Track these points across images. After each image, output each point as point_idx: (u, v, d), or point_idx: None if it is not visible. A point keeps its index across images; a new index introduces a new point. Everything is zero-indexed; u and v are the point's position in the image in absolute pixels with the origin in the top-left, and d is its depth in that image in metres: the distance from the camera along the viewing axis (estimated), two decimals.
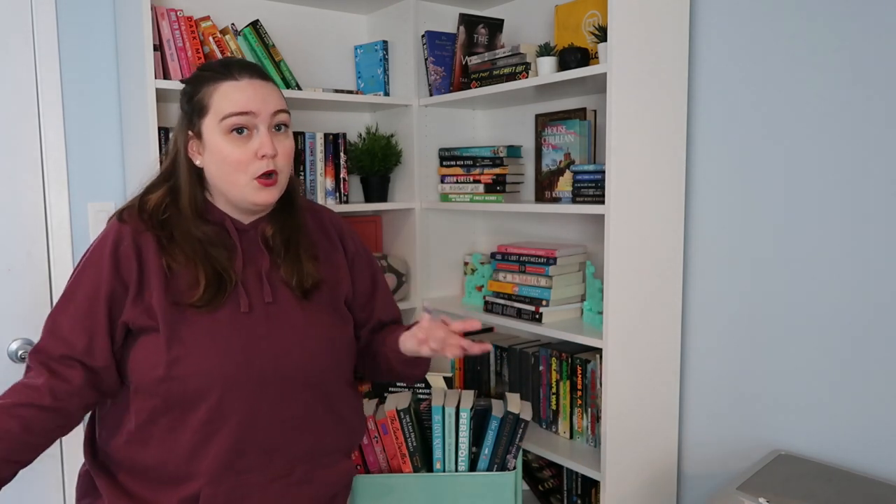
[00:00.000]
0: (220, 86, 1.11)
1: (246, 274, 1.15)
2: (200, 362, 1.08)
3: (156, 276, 1.10)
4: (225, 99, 1.10)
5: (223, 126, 1.10)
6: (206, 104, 1.12)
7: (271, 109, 1.13)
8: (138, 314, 1.09)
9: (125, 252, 1.11)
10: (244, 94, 1.11)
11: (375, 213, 2.36)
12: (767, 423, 1.65)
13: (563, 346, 1.90)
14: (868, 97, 1.44)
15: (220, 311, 1.11)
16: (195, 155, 1.15)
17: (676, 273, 1.75)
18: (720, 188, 1.70)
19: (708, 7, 1.69)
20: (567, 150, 1.87)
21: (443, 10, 2.21)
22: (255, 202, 1.13)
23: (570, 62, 1.70)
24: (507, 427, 1.54)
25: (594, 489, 1.88)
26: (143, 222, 1.13)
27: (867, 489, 1.38)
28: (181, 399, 1.09)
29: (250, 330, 1.11)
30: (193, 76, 1.17)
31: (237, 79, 1.11)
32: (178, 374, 1.07)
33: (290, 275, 1.17)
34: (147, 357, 1.08)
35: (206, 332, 1.09)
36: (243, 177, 1.11)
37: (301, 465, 1.17)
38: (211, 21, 1.86)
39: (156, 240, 1.12)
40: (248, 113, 1.10)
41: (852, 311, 1.50)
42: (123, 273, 1.10)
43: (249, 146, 1.11)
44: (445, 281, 2.29)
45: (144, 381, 1.09)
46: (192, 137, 1.15)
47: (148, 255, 1.11)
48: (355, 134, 2.31)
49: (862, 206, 1.47)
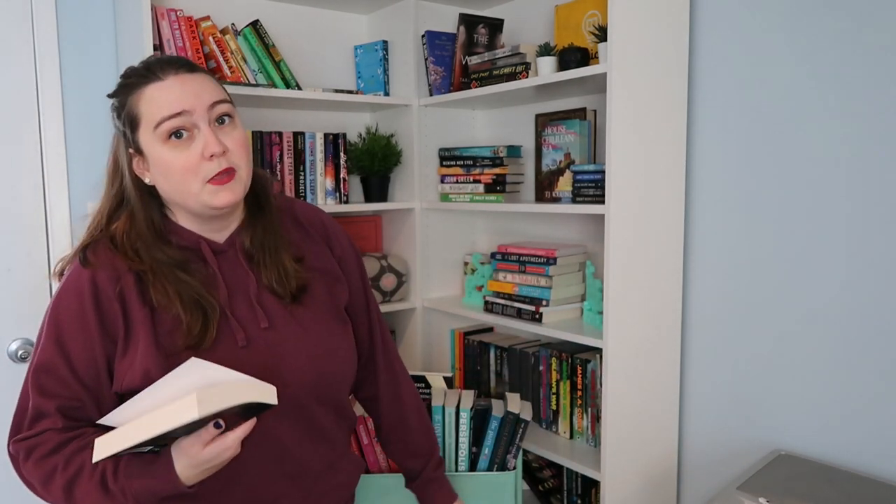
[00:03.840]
0: (145, 90, 0.99)
1: (234, 303, 1.04)
2: None
3: (142, 324, 0.98)
4: (152, 104, 0.98)
5: (159, 134, 0.98)
6: (136, 114, 1.00)
7: (207, 103, 0.99)
8: (127, 376, 0.97)
9: (108, 302, 0.98)
10: (172, 92, 0.98)
11: (375, 213, 2.36)
12: (767, 423, 1.65)
13: (563, 346, 1.90)
14: (868, 97, 1.44)
15: (217, 350, 0.99)
16: (143, 173, 1.03)
17: (676, 273, 1.75)
18: (720, 188, 1.70)
19: (708, 7, 1.69)
20: (567, 150, 1.87)
21: (443, 10, 2.20)
22: (216, 206, 1.00)
23: (570, 62, 1.70)
24: (507, 427, 1.54)
25: (594, 489, 1.88)
26: (122, 258, 1.00)
27: (867, 489, 1.38)
28: None
29: (254, 366, 0.99)
30: (118, 86, 1.03)
31: (161, 78, 0.99)
32: None
33: (276, 282, 1.07)
34: None
35: None
36: (195, 183, 0.99)
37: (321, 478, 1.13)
38: (211, 21, 1.86)
39: (136, 277, 1.00)
40: (180, 113, 0.97)
41: (852, 310, 1.50)
42: (110, 329, 0.98)
43: (193, 149, 0.98)
44: (445, 281, 2.29)
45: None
46: (134, 155, 1.03)
47: (131, 301, 0.99)
48: (355, 134, 2.31)
49: (862, 205, 1.47)
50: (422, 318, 2.23)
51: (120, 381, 0.97)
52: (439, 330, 2.28)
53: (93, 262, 1.00)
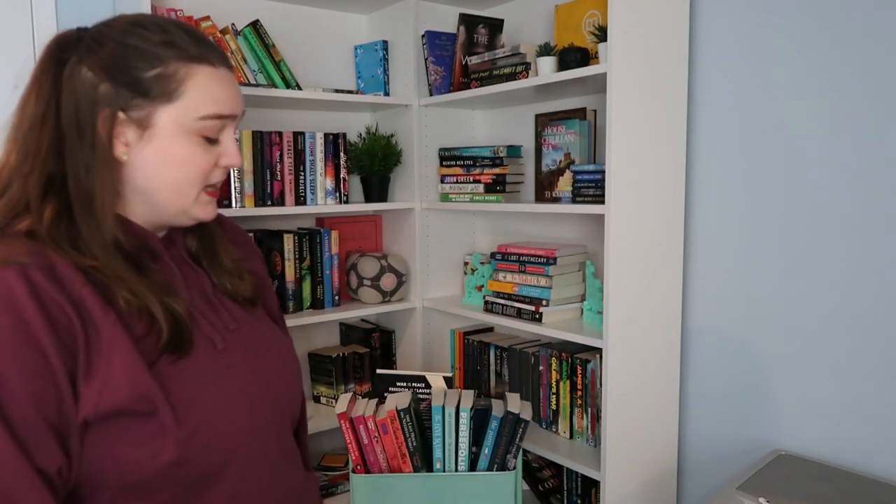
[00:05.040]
0: (198, 70, 0.82)
1: (196, 304, 0.89)
2: (218, 426, 0.82)
3: (112, 330, 0.76)
4: (205, 92, 0.82)
5: (195, 126, 0.82)
6: (177, 89, 0.81)
7: (241, 110, 0.89)
8: (104, 395, 0.74)
9: (55, 304, 0.73)
10: (226, 90, 0.85)
11: (375, 213, 2.36)
12: (767, 423, 1.65)
13: (563, 345, 1.90)
14: (869, 96, 1.44)
15: (196, 356, 0.83)
16: (119, 146, 0.81)
17: (676, 273, 1.75)
18: (720, 188, 1.70)
19: (708, 7, 1.69)
20: (567, 150, 1.87)
21: (443, 10, 2.21)
22: (200, 218, 0.88)
23: (570, 62, 1.70)
24: (507, 427, 1.54)
25: (594, 489, 1.88)
26: (53, 252, 0.76)
27: (867, 489, 1.38)
28: (195, 481, 0.82)
29: (237, 368, 0.88)
30: (136, 37, 0.81)
31: (214, 65, 0.84)
32: (195, 451, 0.79)
33: (230, 283, 0.95)
34: (141, 445, 0.77)
35: (202, 387, 0.82)
36: (195, 189, 0.85)
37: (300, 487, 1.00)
38: (211, 21, 1.86)
39: (83, 274, 0.76)
40: (229, 117, 0.85)
41: (852, 310, 1.50)
42: (67, 341, 0.73)
43: (212, 153, 0.86)
44: (445, 281, 2.29)
45: (139, 476, 0.77)
46: (125, 121, 0.80)
47: (89, 303, 0.75)
48: (355, 134, 2.31)
49: (862, 205, 1.47)
50: (422, 318, 2.23)
51: (92, 405, 0.74)
52: (439, 330, 2.28)
53: (12, 258, 0.73)
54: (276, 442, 0.92)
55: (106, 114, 0.79)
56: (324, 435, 2.22)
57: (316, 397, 2.23)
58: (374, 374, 2.17)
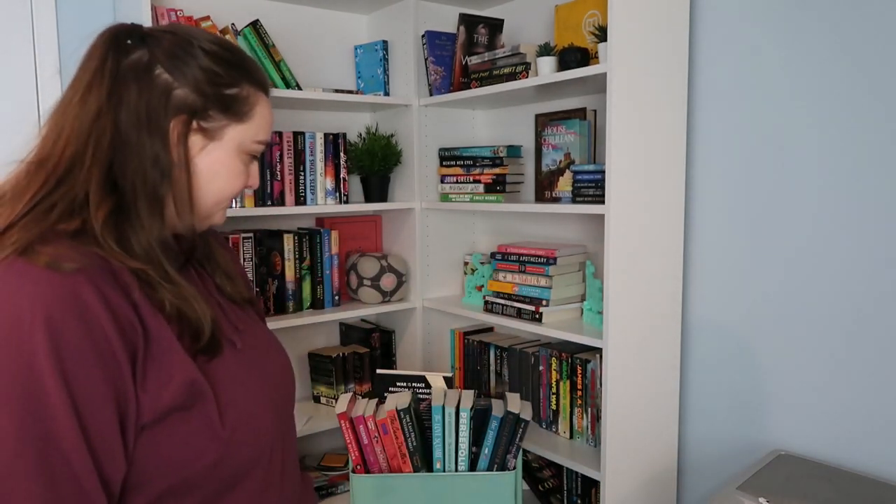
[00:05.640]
0: (262, 100, 0.88)
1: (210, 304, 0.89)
2: (253, 422, 0.84)
3: (164, 331, 0.77)
4: (263, 120, 0.88)
5: (248, 147, 0.87)
6: (247, 111, 0.86)
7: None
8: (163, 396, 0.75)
9: (122, 311, 0.73)
10: (271, 118, 0.91)
11: (375, 213, 2.36)
12: (767, 423, 1.65)
13: (563, 346, 1.90)
14: (869, 96, 1.44)
15: (225, 356, 0.85)
16: (197, 153, 0.84)
17: (676, 273, 1.75)
18: (720, 188, 1.70)
19: (708, 7, 1.69)
20: (567, 150, 1.87)
21: (443, 10, 2.21)
22: (218, 224, 0.93)
23: (570, 62, 1.70)
24: (507, 427, 1.54)
25: (594, 489, 1.88)
26: (103, 252, 0.74)
27: (867, 489, 1.38)
28: (227, 480, 0.82)
29: (256, 368, 0.90)
30: (238, 58, 0.87)
31: (268, 96, 0.90)
32: (234, 448, 0.80)
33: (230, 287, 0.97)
34: (189, 444, 0.77)
35: (234, 387, 0.83)
36: (225, 202, 0.89)
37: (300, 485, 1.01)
38: (211, 21, 1.86)
39: (135, 277, 0.76)
40: (267, 143, 0.92)
41: (852, 310, 1.50)
42: (131, 352, 0.73)
43: (245, 173, 0.90)
44: (445, 281, 2.29)
45: (184, 476, 0.77)
46: (196, 129, 0.82)
47: (144, 306, 0.76)
48: (355, 134, 2.31)
49: (861, 206, 1.47)
50: (422, 317, 2.23)
51: (150, 409, 0.74)
52: (439, 330, 2.28)
53: (76, 263, 0.71)
54: (287, 439, 0.94)
55: (182, 119, 0.81)
56: (324, 435, 2.22)
57: (316, 397, 2.23)
58: (374, 374, 2.17)
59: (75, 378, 0.68)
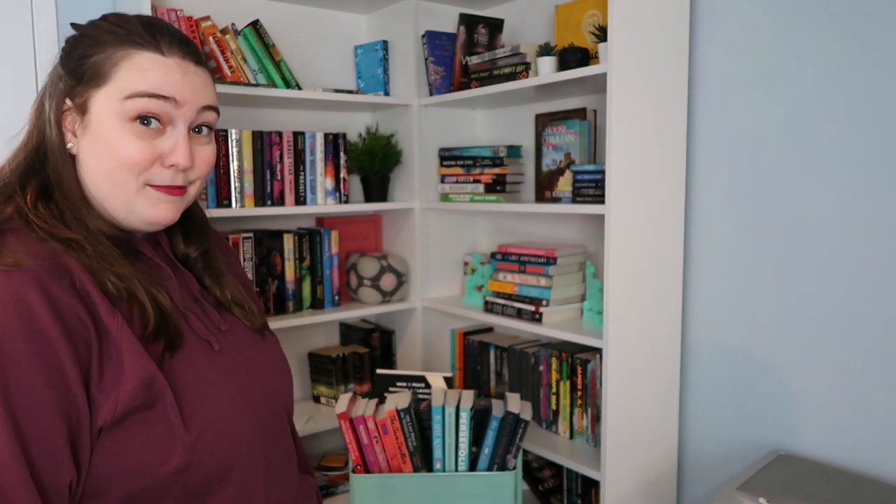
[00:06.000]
0: (137, 54, 0.78)
1: (185, 302, 0.86)
2: (222, 430, 0.79)
3: (114, 322, 0.73)
4: (140, 72, 0.78)
5: (126, 107, 0.77)
6: (107, 71, 0.78)
7: (199, 103, 0.82)
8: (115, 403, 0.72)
9: (71, 312, 0.70)
10: (169, 73, 0.79)
11: (375, 213, 2.36)
12: (767, 423, 1.65)
13: (563, 346, 1.90)
14: (869, 96, 1.44)
15: (191, 355, 0.81)
16: (69, 134, 0.81)
17: (676, 273, 1.75)
18: (720, 188, 1.70)
19: (708, 7, 1.69)
20: (567, 150, 1.87)
21: (443, 9, 2.21)
22: (151, 218, 0.81)
23: (570, 62, 1.70)
24: (507, 427, 1.54)
25: (594, 489, 1.88)
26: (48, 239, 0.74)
27: (867, 489, 1.38)
28: (199, 488, 0.78)
29: (234, 370, 0.86)
30: (94, 27, 0.81)
31: (163, 53, 0.79)
32: (200, 456, 0.77)
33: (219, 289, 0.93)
34: (150, 449, 0.74)
35: (204, 389, 0.80)
36: (133, 181, 0.79)
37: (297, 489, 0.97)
38: (211, 21, 1.86)
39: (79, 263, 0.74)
40: (166, 98, 0.78)
41: (852, 310, 1.50)
42: (82, 353, 0.70)
43: (156, 144, 0.79)
44: (445, 281, 2.29)
45: (145, 483, 0.74)
46: (71, 109, 0.80)
47: (94, 296, 0.72)
48: (355, 134, 2.31)
49: (862, 205, 1.47)
50: (422, 318, 2.23)
51: (108, 411, 0.71)
52: (439, 330, 2.28)
53: (21, 260, 0.69)
54: (273, 444, 0.90)
55: (55, 98, 0.81)
56: (324, 435, 2.22)
57: (316, 397, 2.23)
58: (374, 374, 2.17)
59: (16, 383, 0.66)
